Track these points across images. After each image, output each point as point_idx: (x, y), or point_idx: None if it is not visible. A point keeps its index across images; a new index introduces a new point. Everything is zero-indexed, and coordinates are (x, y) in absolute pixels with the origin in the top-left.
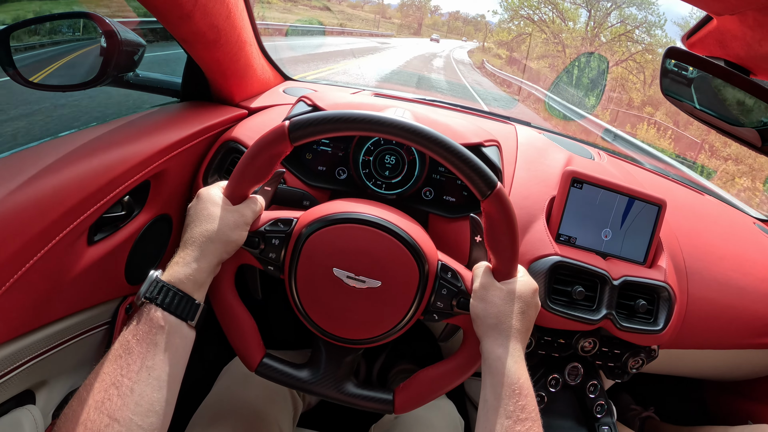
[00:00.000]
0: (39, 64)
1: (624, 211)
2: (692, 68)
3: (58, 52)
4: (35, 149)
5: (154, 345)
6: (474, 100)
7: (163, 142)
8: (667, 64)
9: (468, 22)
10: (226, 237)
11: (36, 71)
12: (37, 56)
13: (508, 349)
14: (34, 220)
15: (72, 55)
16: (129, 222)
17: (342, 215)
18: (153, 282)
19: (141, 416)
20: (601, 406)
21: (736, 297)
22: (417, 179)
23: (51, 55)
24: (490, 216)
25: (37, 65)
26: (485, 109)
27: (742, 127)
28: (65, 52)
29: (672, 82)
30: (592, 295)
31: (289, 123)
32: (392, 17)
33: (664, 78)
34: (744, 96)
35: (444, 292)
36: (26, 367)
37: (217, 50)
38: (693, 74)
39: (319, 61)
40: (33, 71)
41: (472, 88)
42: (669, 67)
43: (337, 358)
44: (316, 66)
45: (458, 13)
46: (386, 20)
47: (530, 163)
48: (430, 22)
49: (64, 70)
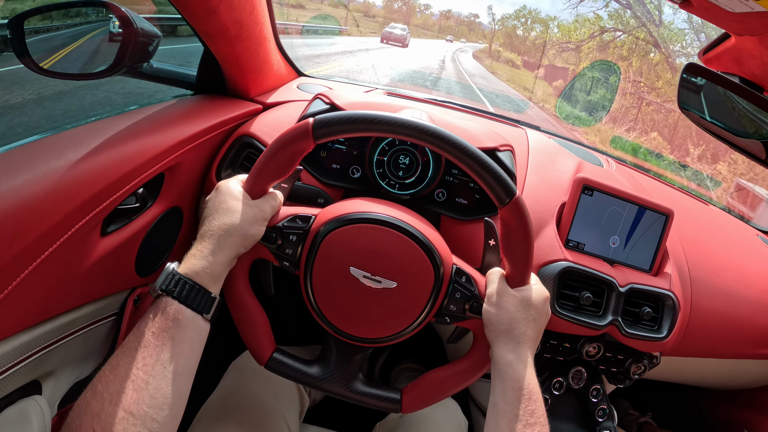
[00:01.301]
0: (50, 49)
1: (632, 219)
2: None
3: (68, 37)
4: (53, 138)
5: (171, 339)
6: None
7: (180, 135)
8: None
9: (461, 21)
10: (244, 231)
11: (47, 57)
12: (48, 41)
13: (519, 354)
14: (52, 211)
15: (82, 40)
16: (142, 214)
17: (361, 215)
18: (170, 274)
19: (156, 409)
20: (603, 410)
21: (738, 307)
22: (431, 181)
23: (62, 40)
24: (507, 223)
25: (48, 51)
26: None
27: (748, 139)
28: (75, 37)
29: (686, 92)
30: (599, 301)
31: (314, 121)
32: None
33: (681, 89)
34: (752, 108)
35: (458, 296)
36: (35, 358)
37: (238, 45)
38: (702, 81)
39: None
40: (44, 57)
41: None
42: (684, 75)
43: (348, 356)
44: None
45: (450, 12)
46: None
47: (541, 168)
48: (419, 22)
49: (76, 57)
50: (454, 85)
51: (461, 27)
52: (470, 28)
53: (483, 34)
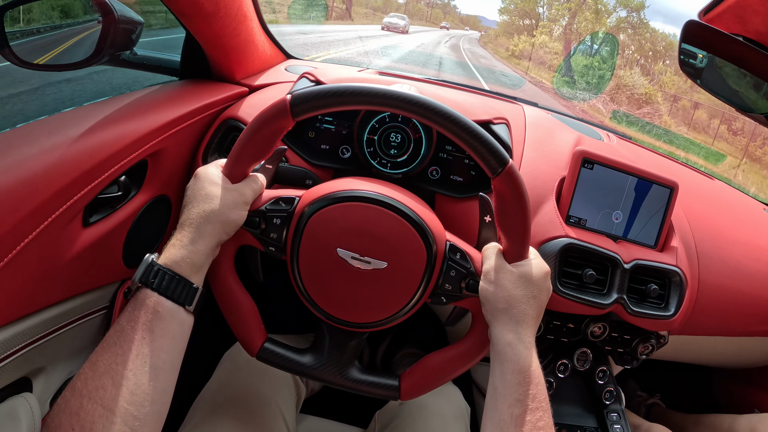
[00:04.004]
0: (43, 47)
1: (635, 193)
2: (701, 56)
3: (62, 36)
4: (26, 127)
5: (150, 332)
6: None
7: (160, 120)
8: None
9: (432, 4)
10: (224, 217)
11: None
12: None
13: (518, 334)
14: (23, 201)
15: (78, 37)
16: (126, 203)
17: (346, 193)
18: (148, 266)
19: (136, 406)
20: (610, 392)
21: (746, 283)
22: (423, 158)
23: (56, 38)
24: (501, 194)
25: (42, 49)
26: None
27: (752, 113)
28: (71, 35)
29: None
30: (603, 278)
31: (291, 97)
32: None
33: (682, 65)
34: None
35: (453, 274)
36: (21, 354)
37: (216, 23)
38: (702, 63)
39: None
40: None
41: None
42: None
43: (341, 342)
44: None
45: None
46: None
47: (539, 142)
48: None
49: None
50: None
51: (435, 10)
52: (445, 11)
53: (460, 18)
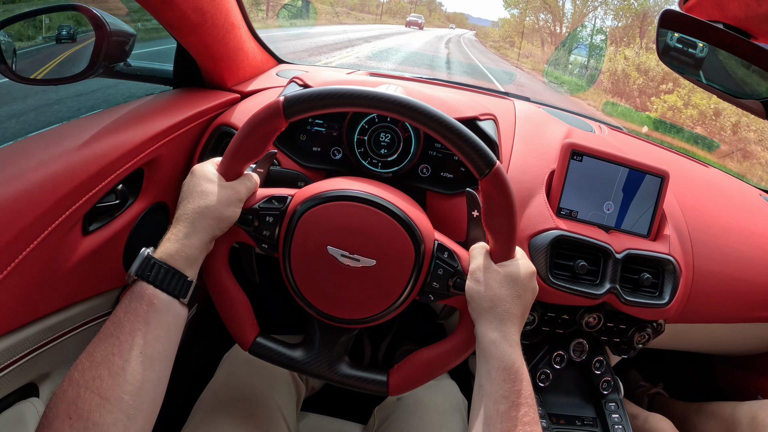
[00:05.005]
0: (39, 60)
1: (626, 183)
2: (702, 45)
3: (58, 49)
4: (23, 142)
5: (146, 323)
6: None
7: (154, 129)
8: (669, 40)
9: (416, 2)
10: (219, 213)
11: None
12: (37, 53)
13: (503, 333)
14: (23, 212)
15: (72, 50)
16: (124, 211)
17: (337, 192)
18: (144, 259)
19: (132, 395)
20: (608, 382)
21: (742, 269)
22: (413, 156)
23: (51, 51)
24: (488, 195)
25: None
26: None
27: (747, 100)
28: (65, 48)
29: (675, 58)
30: (595, 269)
31: (284, 99)
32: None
33: (664, 56)
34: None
35: (440, 273)
36: (26, 360)
37: (204, 33)
38: (703, 53)
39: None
40: (33, 69)
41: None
42: (672, 44)
43: (332, 338)
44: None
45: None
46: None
47: (529, 137)
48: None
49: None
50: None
51: (419, 7)
52: (430, 8)
53: (446, 16)
